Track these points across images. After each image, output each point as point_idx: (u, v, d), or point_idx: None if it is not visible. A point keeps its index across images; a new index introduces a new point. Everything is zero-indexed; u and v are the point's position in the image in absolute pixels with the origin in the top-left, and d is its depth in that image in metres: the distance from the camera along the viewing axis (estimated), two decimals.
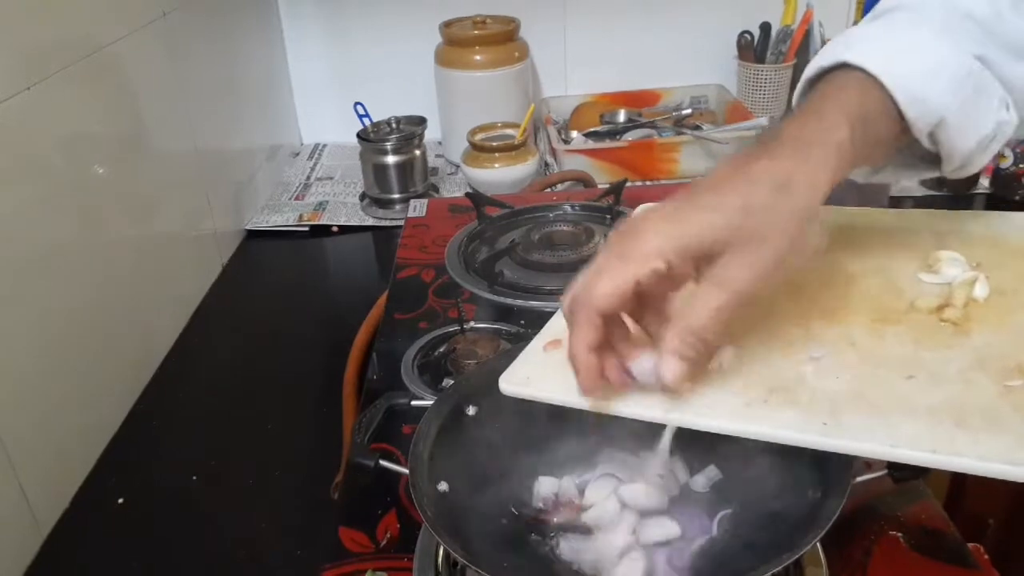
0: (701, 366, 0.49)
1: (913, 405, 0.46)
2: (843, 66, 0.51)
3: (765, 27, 1.54)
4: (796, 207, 0.46)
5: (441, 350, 0.85)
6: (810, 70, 0.54)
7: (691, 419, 0.48)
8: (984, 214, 0.63)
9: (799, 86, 0.56)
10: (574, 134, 1.47)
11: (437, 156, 1.54)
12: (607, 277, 0.47)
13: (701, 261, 0.47)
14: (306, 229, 1.33)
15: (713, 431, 0.48)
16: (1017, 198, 1.24)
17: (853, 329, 0.53)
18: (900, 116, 0.50)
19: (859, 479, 0.54)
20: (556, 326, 0.59)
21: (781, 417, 0.47)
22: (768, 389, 0.49)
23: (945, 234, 0.60)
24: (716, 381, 0.51)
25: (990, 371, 0.47)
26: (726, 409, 0.48)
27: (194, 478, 0.83)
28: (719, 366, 0.51)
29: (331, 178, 1.50)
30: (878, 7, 0.56)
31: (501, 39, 1.44)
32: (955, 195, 1.27)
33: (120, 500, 0.81)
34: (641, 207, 0.60)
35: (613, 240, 0.49)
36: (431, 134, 1.40)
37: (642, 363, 0.49)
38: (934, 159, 0.55)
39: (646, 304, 0.50)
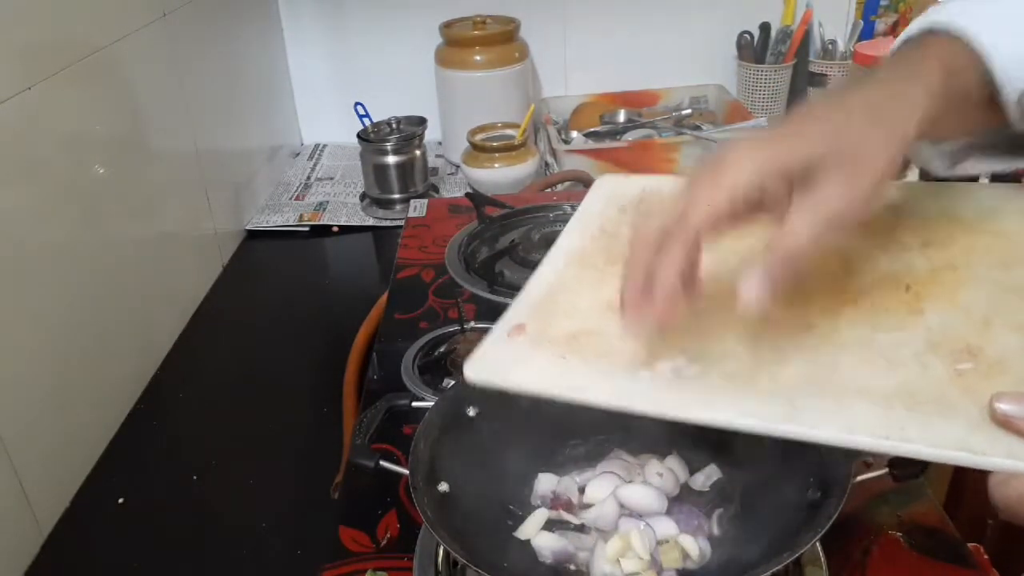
0: (781, 292, 0.47)
1: (870, 391, 0.46)
2: (931, 32, 0.51)
3: (765, 27, 1.54)
4: (889, 134, 0.46)
5: (441, 350, 0.85)
6: (906, 33, 0.54)
7: (646, 407, 0.48)
8: (937, 186, 0.63)
9: (892, 50, 0.55)
10: (574, 134, 1.47)
11: (437, 156, 1.54)
12: (702, 202, 0.46)
13: (796, 184, 0.46)
14: (306, 229, 1.33)
15: (668, 419, 0.47)
16: None
17: (811, 310, 0.53)
18: (990, 82, 0.49)
19: (859, 479, 0.54)
20: (518, 312, 0.58)
21: (742, 405, 0.47)
22: (728, 376, 0.49)
23: (900, 207, 0.60)
24: (672, 366, 0.50)
25: (942, 354, 0.48)
26: (686, 398, 0.48)
27: (194, 478, 0.83)
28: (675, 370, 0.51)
29: (331, 178, 1.50)
30: None
31: (501, 39, 1.44)
32: None
33: (120, 500, 0.81)
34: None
35: (700, 170, 0.48)
36: (431, 134, 1.41)
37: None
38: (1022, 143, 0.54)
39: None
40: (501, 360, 0.54)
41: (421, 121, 1.38)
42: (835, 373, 0.48)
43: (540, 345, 0.54)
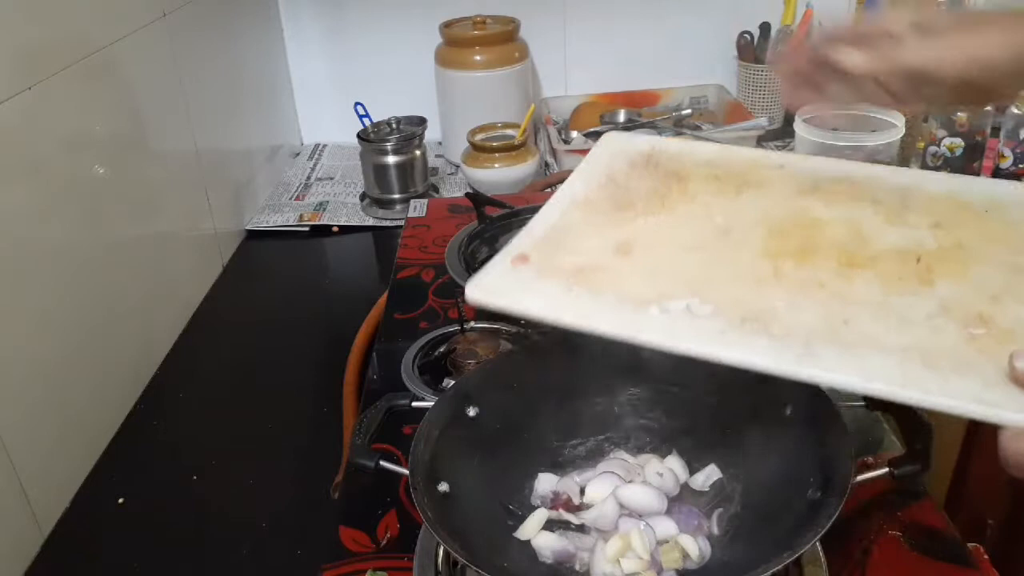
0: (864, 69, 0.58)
1: (883, 345, 0.47)
2: None
3: (765, 27, 1.54)
4: (968, 42, 0.56)
5: (441, 350, 0.85)
6: None
7: (664, 340, 0.48)
8: (945, 175, 0.65)
9: None
10: (574, 134, 1.47)
11: (437, 156, 1.54)
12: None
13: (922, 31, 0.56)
14: (306, 229, 1.33)
15: (686, 354, 0.47)
16: None
17: (821, 272, 0.54)
18: None
19: (859, 478, 0.54)
20: (521, 244, 0.58)
21: (755, 344, 0.47)
22: (741, 318, 0.49)
23: (909, 189, 0.61)
24: (684, 304, 0.50)
25: (955, 318, 0.49)
26: (699, 333, 0.48)
27: (194, 478, 0.83)
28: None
29: (331, 178, 1.50)
30: None
31: (501, 39, 1.44)
32: None
33: (120, 500, 0.81)
34: None
35: None
36: (431, 134, 1.41)
37: None
38: None
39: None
40: (504, 284, 0.53)
41: (421, 121, 1.38)
42: (848, 326, 0.49)
43: (545, 274, 0.54)
